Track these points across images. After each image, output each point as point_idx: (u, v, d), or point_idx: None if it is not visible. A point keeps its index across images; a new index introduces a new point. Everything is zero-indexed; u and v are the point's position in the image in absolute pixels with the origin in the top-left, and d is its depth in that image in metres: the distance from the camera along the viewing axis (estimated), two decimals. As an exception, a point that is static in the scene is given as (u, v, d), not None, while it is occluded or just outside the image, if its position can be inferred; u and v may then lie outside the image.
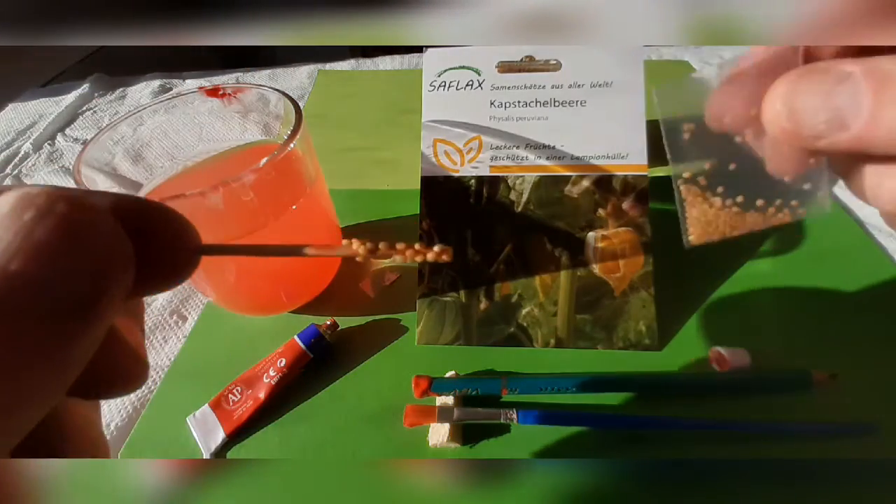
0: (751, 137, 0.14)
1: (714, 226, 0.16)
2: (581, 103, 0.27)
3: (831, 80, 0.11)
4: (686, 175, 0.16)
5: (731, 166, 0.16)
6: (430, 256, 0.11)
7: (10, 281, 0.07)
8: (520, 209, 0.28)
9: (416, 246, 0.11)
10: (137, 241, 0.09)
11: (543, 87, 0.27)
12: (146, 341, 0.31)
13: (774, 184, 0.15)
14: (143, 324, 0.12)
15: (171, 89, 0.58)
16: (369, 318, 0.30)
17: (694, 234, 0.16)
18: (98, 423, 0.11)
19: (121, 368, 0.10)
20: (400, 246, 0.11)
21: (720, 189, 0.16)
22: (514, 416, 0.24)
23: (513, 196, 0.28)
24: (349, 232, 0.35)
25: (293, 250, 0.11)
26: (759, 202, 0.16)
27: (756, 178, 0.15)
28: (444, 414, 0.24)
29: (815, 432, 0.23)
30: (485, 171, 0.28)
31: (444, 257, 0.12)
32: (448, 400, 0.25)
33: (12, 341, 0.07)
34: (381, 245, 0.11)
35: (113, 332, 0.10)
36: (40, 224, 0.08)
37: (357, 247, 0.11)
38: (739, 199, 0.16)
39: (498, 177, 0.28)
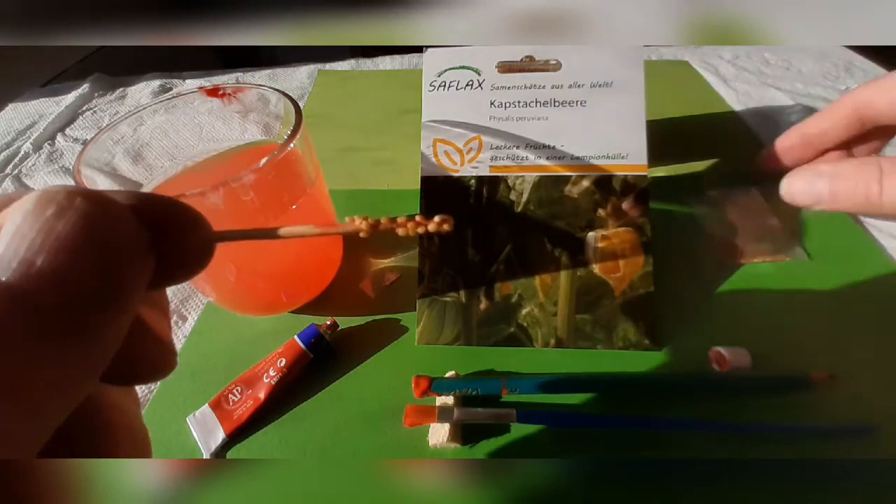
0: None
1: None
2: (581, 103, 0.27)
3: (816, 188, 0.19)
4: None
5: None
6: (431, 227, 0.12)
7: (37, 277, 0.08)
8: (520, 209, 0.28)
9: (417, 218, 0.12)
10: (154, 234, 0.09)
11: (543, 87, 0.27)
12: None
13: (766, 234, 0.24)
14: (169, 314, 0.12)
15: (171, 89, 0.58)
16: (369, 318, 0.30)
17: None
18: (136, 412, 0.12)
19: (149, 356, 0.11)
20: (401, 219, 0.12)
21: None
22: (514, 415, 0.24)
23: (513, 196, 0.28)
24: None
25: (300, 231, 0.12)
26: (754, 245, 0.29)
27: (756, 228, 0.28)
28: (444, 414, 0.24)
29: (813, 433, 0.23)
30: (485, 171, 0.28)
31: (446, 227, 0.12)
32: (448, 400, 0.25)
33: (43, 333, 0.07)
34: (383, 220, 0.12)
35: (139, 322, 0.10)
36: (61, 220, 0.08)
37: (359, 223, 0.11)
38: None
39: (498, 177, 0.28)
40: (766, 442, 0.23)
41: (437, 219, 0.12)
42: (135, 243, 0.09)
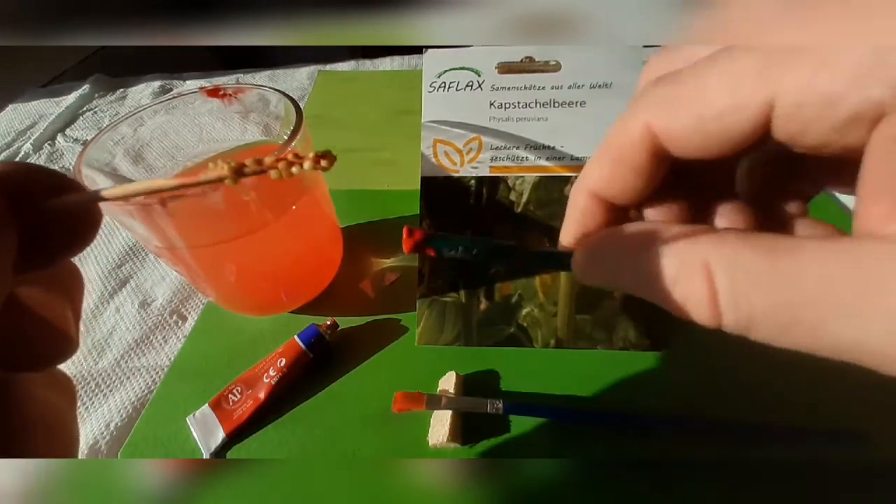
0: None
1: None
2: (581, 104, 0.27)
3: (610, 270, 0.13)
4: None
5: None
6: (306, 165, 0.10)
7: None
8: (520, 209, 0.28)
9: (290, 156, 0.10)
10: (18, 198, 0.09)
11: (543, 87, 0.27)
12: (151, 336, 0.31)
13: None
14: (78, 299, 0.12)
15: (171, 90, 0.58)
16: (369, 318, 0.30)
17: None
18: (63, 408, 0.12)
19: (39, 342, 0.10)
20: (268, 160, 0.10)
21: None
22: (500, 405, 0.24)
23: (513, 196, 0.28)
24: (350, 232, 0.35)
25: (160, 185, 0.10)
26: None
27: None
28: (432, 401, 0.24)
29: (807, 439, 0.23)
30: (485, 172, 0.28)
31: (323, 163, 0.10)
32: (448, 387, 0.25)
33: None
34: (248, 161, 0.10)
35: (22, 307, 0.10)
36: None
37: (222, 168, 0.10)
38: None
39: (498, 177, 0.28)
40: (764, 443, 0.23)
41: (311, 154, 0.10)
42: None
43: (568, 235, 0.15)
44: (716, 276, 0.10)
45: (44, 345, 0.10)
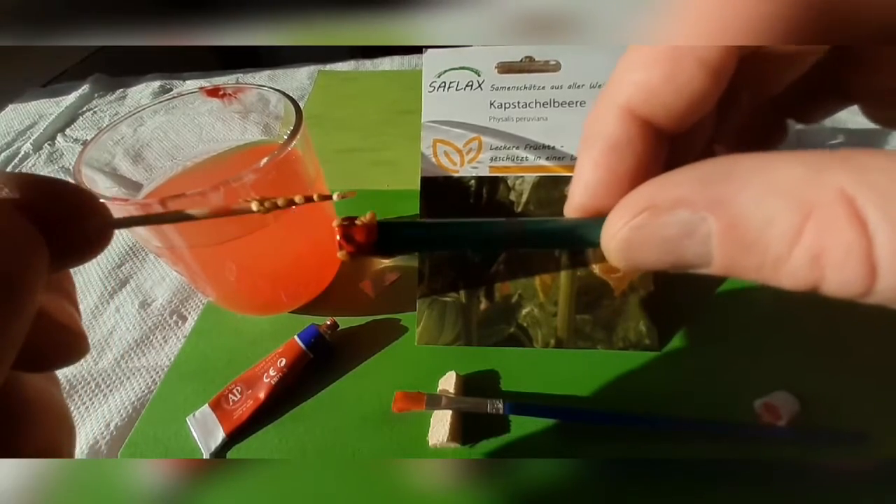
0: None
1: None
2: (580, 104, 0.27)
3: (678, 232, 0.08)
4: None
5: None
6: (334, 197, 0.12)
7: None
8: (520, 209, 0.28)
9: (315, 196, 0.12)
10: (49, 220, 0.09)
11: (543, 87, 0.27)
12: (152, 336, 0.31)
13: None
14: (76, 299, 0.12)
15: (171, 90, 0.58)
16: (369, 318, 0.30)
17: None
18: (53, 392, 0.12)
19: (57, 343, 0.11)
20: (298, 199, 0.12)
21: None
22: (500, 405, 0.24)
23: (512, 196, 0.28)
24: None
25: (194, 213, 0.12)
26: None
27: None
28: (432, 401, 0.24)
29: (806, 439, 0.23)
30: (484, 172, 0.28)
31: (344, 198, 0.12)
32: (448, 387, 0.25)
33: None
34: (280, 201, 0.12)
35: (43, 312, 0.10)
36: None
37: (256, 207, 0.12)
38: None
39: (498, 177, 0.28)
40: (759, 445, 0.23)
41: (336, 193, 0.12)
42: (24, 243, 0.09)
43: (588, 194, 0.10)
44: (868, 216, 0.07)
45: (63, 344, 0.11)
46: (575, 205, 0.11)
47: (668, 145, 0.10)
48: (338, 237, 0.11)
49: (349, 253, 0.11)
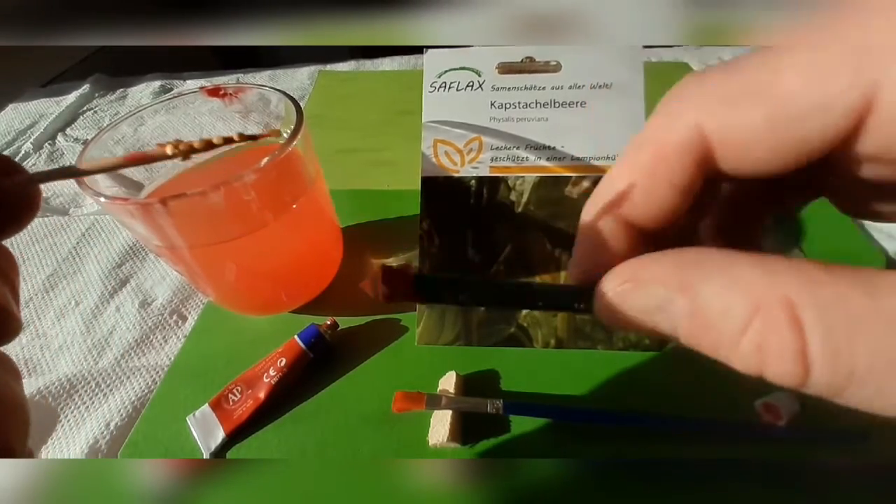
0: None
1: None
2: (581, 104, 0.27)
3: (654, 305, 0.10)
4: None
5: None
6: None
7: None
8: (520, 209, 0.28)
9: (236, 136, 0.12)
10: None
11: (543, 88, 0.27)
12: (152, 336, 0.31)
13: None
14: (14, 278, 0.12)
15: (171, 89, 0.58)
16: (369, 318, 0.30)
17: None
18: (8, 380, 0.12)
19: None
20: (217, 139, 0.12)
21: None
22: (500, 405, 0.24)
23: (513, 196, 0.28)
24: (350, 232, 0.35)
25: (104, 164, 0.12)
26: None
27: None
28: (432, 401, 0.24)
29: (807, 438, 0.23)
30: (485, 172, 0.28)
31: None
32: (448, 387, 0.25)
33: None
34: (196, 144, 0.12)
35: None
36: None
37: (170, 150, 0.12)
38: None
39: (498, 177, 0.28)
40: (759, 445, 0.23)
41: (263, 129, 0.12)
42: None
43: (584, 267, 0.12)
44: (805, 319, 0.08)
45: None
46: (573, 276, 0.13)
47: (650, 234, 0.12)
48: (379, 281, 0.13)
49: (385, 296, 0.13)
